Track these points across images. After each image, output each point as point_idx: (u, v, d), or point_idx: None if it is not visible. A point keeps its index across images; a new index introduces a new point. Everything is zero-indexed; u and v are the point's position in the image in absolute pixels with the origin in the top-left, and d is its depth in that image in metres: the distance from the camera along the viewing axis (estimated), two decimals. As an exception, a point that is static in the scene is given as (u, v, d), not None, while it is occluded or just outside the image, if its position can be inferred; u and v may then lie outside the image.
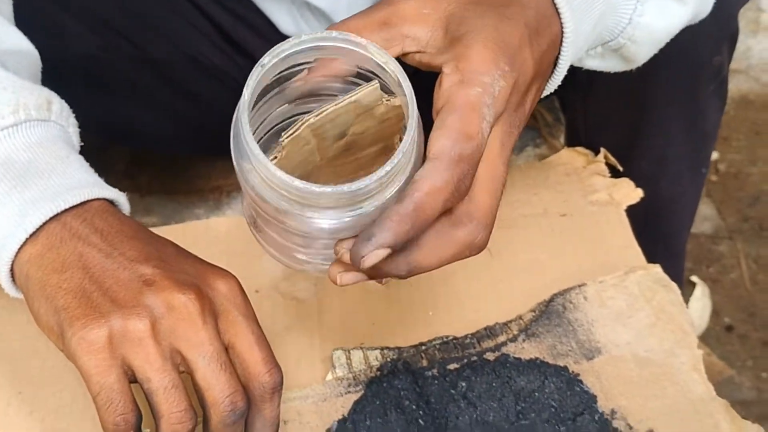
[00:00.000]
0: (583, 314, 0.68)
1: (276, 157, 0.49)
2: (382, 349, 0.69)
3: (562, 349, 0.67)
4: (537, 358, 0.66)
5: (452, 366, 0.67)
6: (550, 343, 0.67)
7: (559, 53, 0.54)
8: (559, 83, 0.56)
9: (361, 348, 0.69)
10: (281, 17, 0.99)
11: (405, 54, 0.52)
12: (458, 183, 0.47)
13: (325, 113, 0.49)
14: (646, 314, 0.67)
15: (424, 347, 0.69)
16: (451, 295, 0.72)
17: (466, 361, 0.67)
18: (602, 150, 0.80)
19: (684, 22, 0.60)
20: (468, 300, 0.72)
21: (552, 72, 0.55)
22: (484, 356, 0.67)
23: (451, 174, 0.46)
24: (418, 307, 0.73)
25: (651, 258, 0.75)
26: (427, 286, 0.73)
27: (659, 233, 0.86)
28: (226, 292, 0.56)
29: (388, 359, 0.68)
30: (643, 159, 0.82)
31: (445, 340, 0.69)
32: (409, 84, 0.48)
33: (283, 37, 1.01)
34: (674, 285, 0.69)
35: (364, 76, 0.51)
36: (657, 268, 0.70)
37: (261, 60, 0.48)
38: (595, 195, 0.78)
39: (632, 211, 0.77)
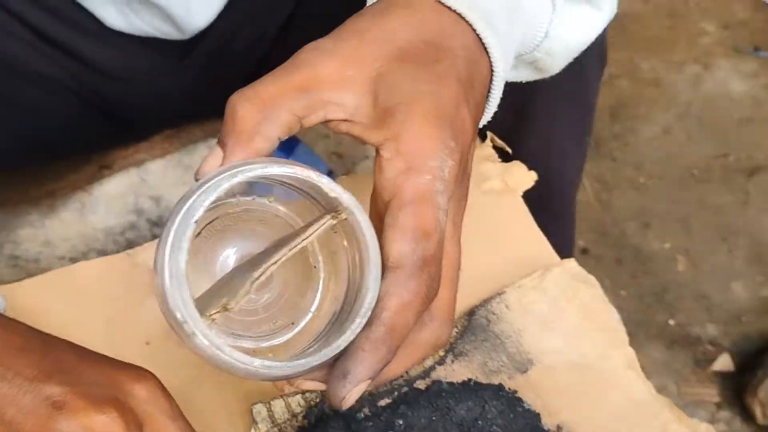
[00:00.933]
0: (508, 324, 0.65)
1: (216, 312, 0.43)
2: (303, 393, 0.64)
3: (494, 366, 0.64)
4: (470, 380, 0.63)
5: (383, 402, 0.62)
6: (481, 361, 0.64)
7: (489, 90, 0.49)
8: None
9: (281, 396, 0.63)
10: (106, 11, 0.88)
11: (328, 121, 0.45)
12: (428, 290, 0.42)
13: (275, 264, 0.42)
14: (571, 316, 0.65)
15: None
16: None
17: (396, 393, 0.63)
18: (488, 134, 0.76)
19: (600, 29, 0.56)
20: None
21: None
22: (415, 385, 0.63)
23: (418, 283, 0.41)
24: (330, 336, 0.68)
25: (544, 229, 0.73)
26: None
27: (550, 205, 0.84)
28: (146, 396, 0.50)
29: (312, 403, 0.63)
30: (530, 139, 0.79)
31: (369, 372, 0.64)
32: (367, 219, 0.42)
33: (111, 33, 0.91)
34: (593, 278, 0.67)
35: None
36: (572, 263, 0.68)
37: (190, 213, 0.41)
38: (488, 183, 0.74)
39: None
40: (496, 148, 0.78)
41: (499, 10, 0.48)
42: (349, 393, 0.42)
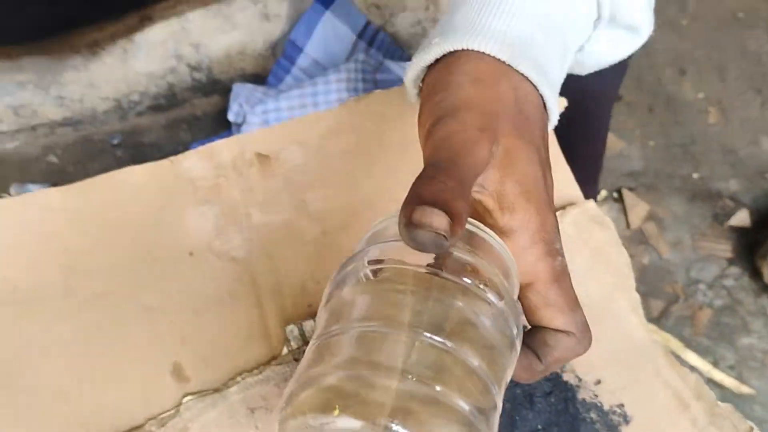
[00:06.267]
0: (524, 263, 0.70)
1: None
2: (332, 314, 0.70)
3: (508, 301, 0.69)
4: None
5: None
6: (496, 296, 0.69)
7: None
8: None
9: (312, 317, 0.70)
10: None
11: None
12: (585, 351, 0.49)
13: None
14: (584, 258, 0.70)
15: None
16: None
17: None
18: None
19: (634, 50, 0.57)
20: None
21: None
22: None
23: (584, 346, 0.49)
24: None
25: (574, 152, 0.76)
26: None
27: (584, 129, 0.86)
28: None
29: (340, 324, 0.69)
30: None
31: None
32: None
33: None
34: (608, 220, 0.71)
35: None
36: (590, 204, 0.71)
37: None
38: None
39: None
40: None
41: (555, 63, 0.50)
42: None
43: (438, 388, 0.40)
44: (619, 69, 0.88)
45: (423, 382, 0.39)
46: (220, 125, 1.21)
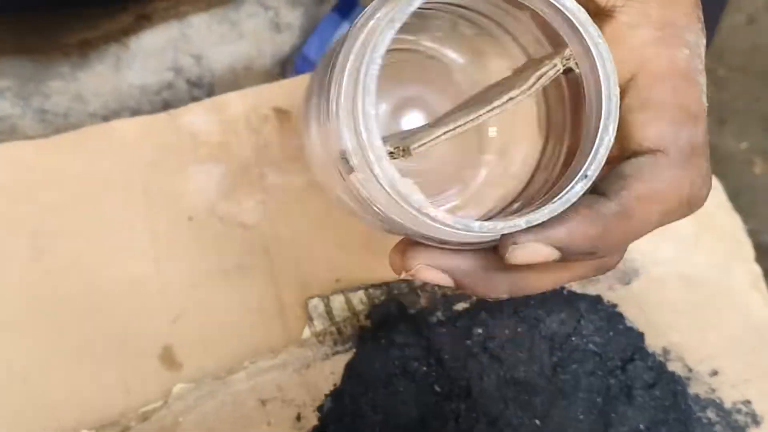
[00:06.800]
0: (612, 227, 0.56)
1: (395, 149, 0.31)
2: (366, 288, 0.55)
3: (592, 274, 0.55)
4: (563, 288, 0.54)
5: (460, 306, 0.54)
6: (577, 267, 0.55)
7: None
8: None
9: (342, 291, 0.55)
10: None
11: None
12: (691, 188, 0.32)
13: (481, 117, 0.31)
14: (688, 224, 0.55)
15: (418, 282, 0.55)
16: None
17: (476, 298, 0.54)
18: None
19: None
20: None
21: None
22: (498, 289, 0.54)
23: (683, 175, 0.31)
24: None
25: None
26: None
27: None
28: None
29: (376, 301, 0.54)
30: None
31: (444, 270, 0.55)
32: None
33: None
34: (714, 179, 0.57)
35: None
36: (691, 159, 0.58)
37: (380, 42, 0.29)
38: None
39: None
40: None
41: None
42: (525, 243, 0.30)
43: None
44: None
45: None
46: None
